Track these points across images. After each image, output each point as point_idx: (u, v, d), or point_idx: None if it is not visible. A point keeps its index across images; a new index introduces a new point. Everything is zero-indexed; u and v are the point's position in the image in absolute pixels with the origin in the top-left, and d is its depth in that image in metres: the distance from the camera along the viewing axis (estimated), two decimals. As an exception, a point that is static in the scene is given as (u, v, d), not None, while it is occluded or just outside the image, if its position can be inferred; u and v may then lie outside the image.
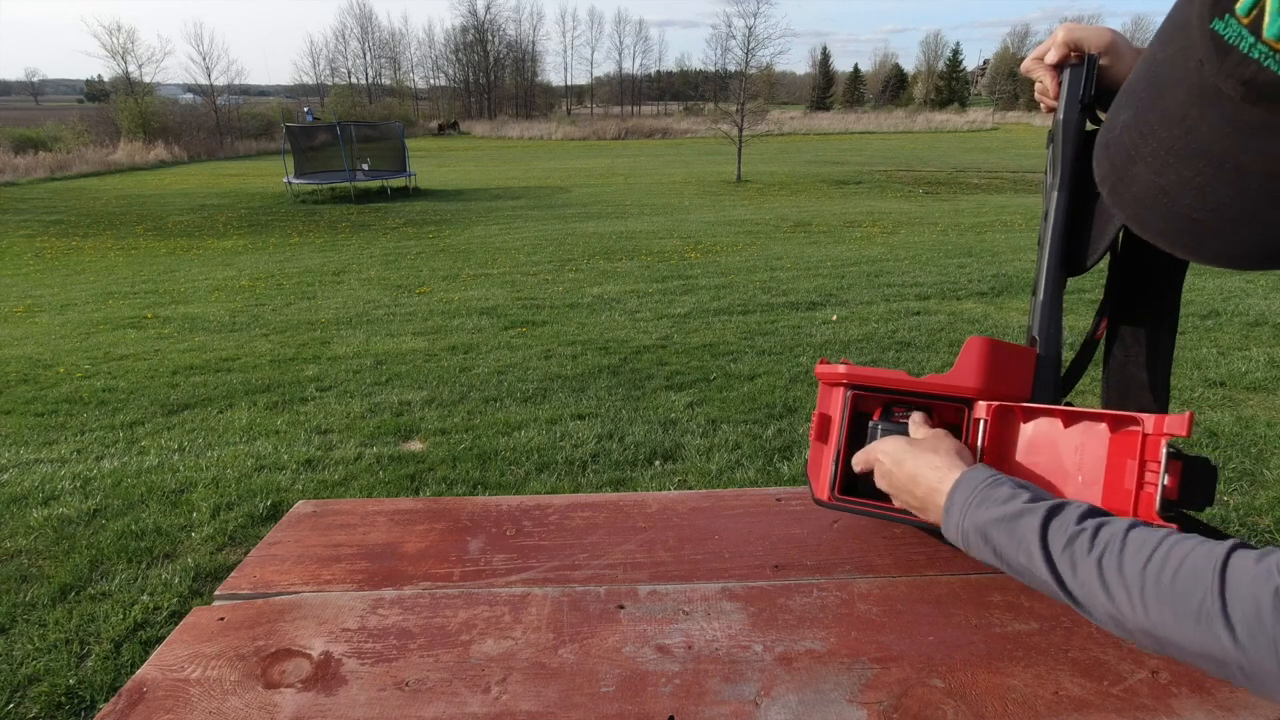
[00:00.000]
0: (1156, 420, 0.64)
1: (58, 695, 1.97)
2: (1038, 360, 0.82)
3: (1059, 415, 0.75)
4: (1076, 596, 0.57)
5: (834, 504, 0.87)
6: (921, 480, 0.74)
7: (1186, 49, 0.41)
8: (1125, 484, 0.65)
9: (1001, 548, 0.63)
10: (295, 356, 5.13)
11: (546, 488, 3.06)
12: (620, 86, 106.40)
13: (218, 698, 0.68)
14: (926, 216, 12.24)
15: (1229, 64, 0.38)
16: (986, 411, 0.78)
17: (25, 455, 3.56)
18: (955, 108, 70.85)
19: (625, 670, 0.71)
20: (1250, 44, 0.37)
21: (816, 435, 0.90)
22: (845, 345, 4.94)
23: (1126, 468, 0.65)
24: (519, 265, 8.74)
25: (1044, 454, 0.75)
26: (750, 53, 23.55)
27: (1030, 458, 0.77)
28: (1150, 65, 0.46)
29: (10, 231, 13.41)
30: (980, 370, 0.78)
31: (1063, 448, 0.74)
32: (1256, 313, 5.19)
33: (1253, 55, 0.37)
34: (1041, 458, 0.76)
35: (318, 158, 17.86)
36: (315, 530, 0.97)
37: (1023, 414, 0.78)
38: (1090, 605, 0.56)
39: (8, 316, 7.10)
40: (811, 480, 0.93)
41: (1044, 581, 0.59)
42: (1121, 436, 0.68)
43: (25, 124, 34.74)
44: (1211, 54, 0.39)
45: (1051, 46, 0.82)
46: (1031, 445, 0.77)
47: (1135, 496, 0.64)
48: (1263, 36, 0.36)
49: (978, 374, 0.79)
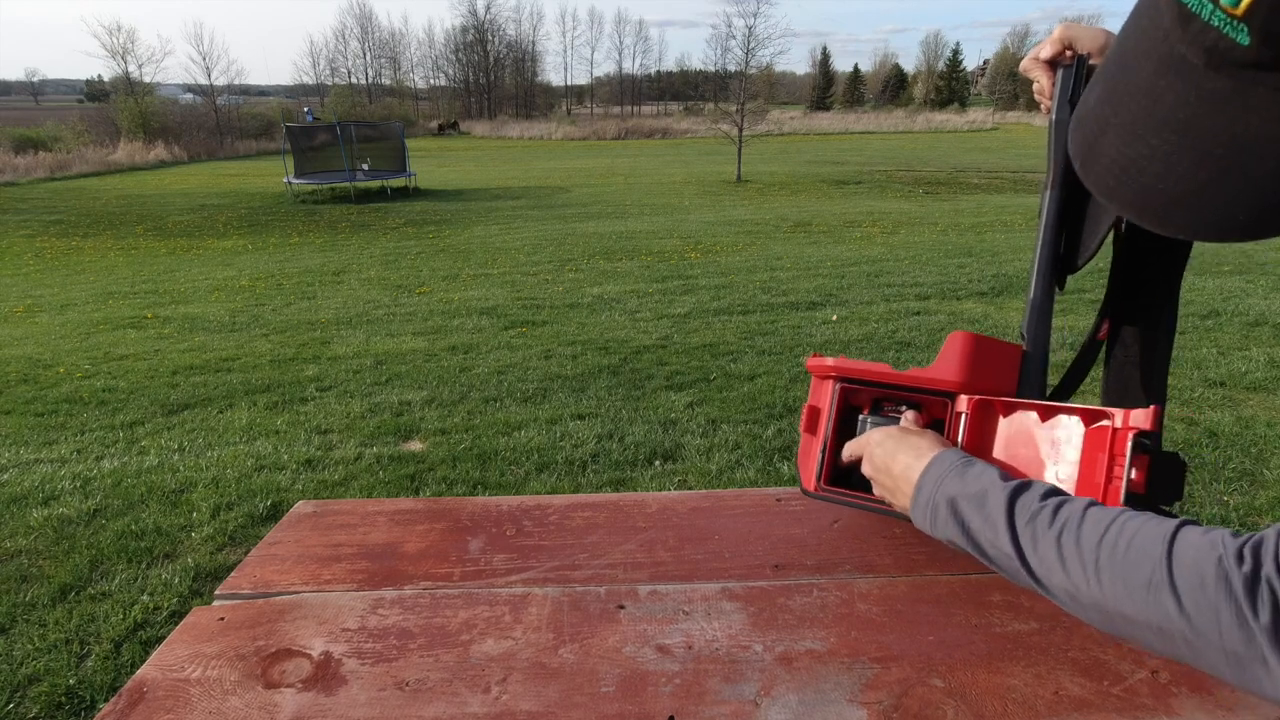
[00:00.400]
0: (1125, 414, 0.65)
1: (58, 695, 1.97)
2: (1023, 356, 0.82)
3: (1037, 409, 0.76)
4: (1036, 572, 0.58)
5: (820, 494, 0.88)
6: (899, 460, 0.75)
7: (1155, 19, 0.42)
8: (1096, 477, 0.66)
9: (969, 520, 0.64)
10: (295, 356, 5.13)
11: (546, 488, 3.06)
12: (620, 86, 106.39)
13: (218, 698, 0.68)
14: (926, 216, 12.24)
15: (1191, 31, 0.39)
16: (967, 405, 0.79)
17: (25, 455, 3.56)
18: (955, 108, 70.85)
19: (625, 670, 0.71)
20: (1210, 10, 0.37)
21: (806, 427, 0.92)
22: (845, 345, 4.94)
23: (1098, 461, 0.66)
24: (519, 265, 8.74)
25: (1022, 447, 0.76)
26: (750, 53, 23.57)
27: (1009, 451, 0.78)
28: (1121, 40, 0.47)
29: (10, 231, 13.41)
30: (962, 364, 0.80)
31: (1040, 441, 0.75)
32: (1256, 313, 5.19)
33: (1213, 23, 0.37)
34: (1020, 451, 0.77)
35: (318, 158, 17.86)
36: (315, 530, 0.97)
37: (1002, 408, 0.79)
38: (1048, 581, 0.57)
39: (8, 316, 7.10)
40: (800, 470, 0.94)
41: (1006, 556, 0.60)
42: (1094, 431, 0.69)
43: (25, 124, 34.74)
44: (1176, 23, 0.40)
45: (1046, 44, 0.83)
46: (1010, 439, 0.78)
47: (1104, 489, 0.65)
48: (1220, 3, 0.37)
49: (959, 368, 0.80)
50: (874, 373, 0.86)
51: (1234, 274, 6.54)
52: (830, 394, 0.89)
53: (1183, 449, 3.20)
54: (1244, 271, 6.65)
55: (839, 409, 0.88)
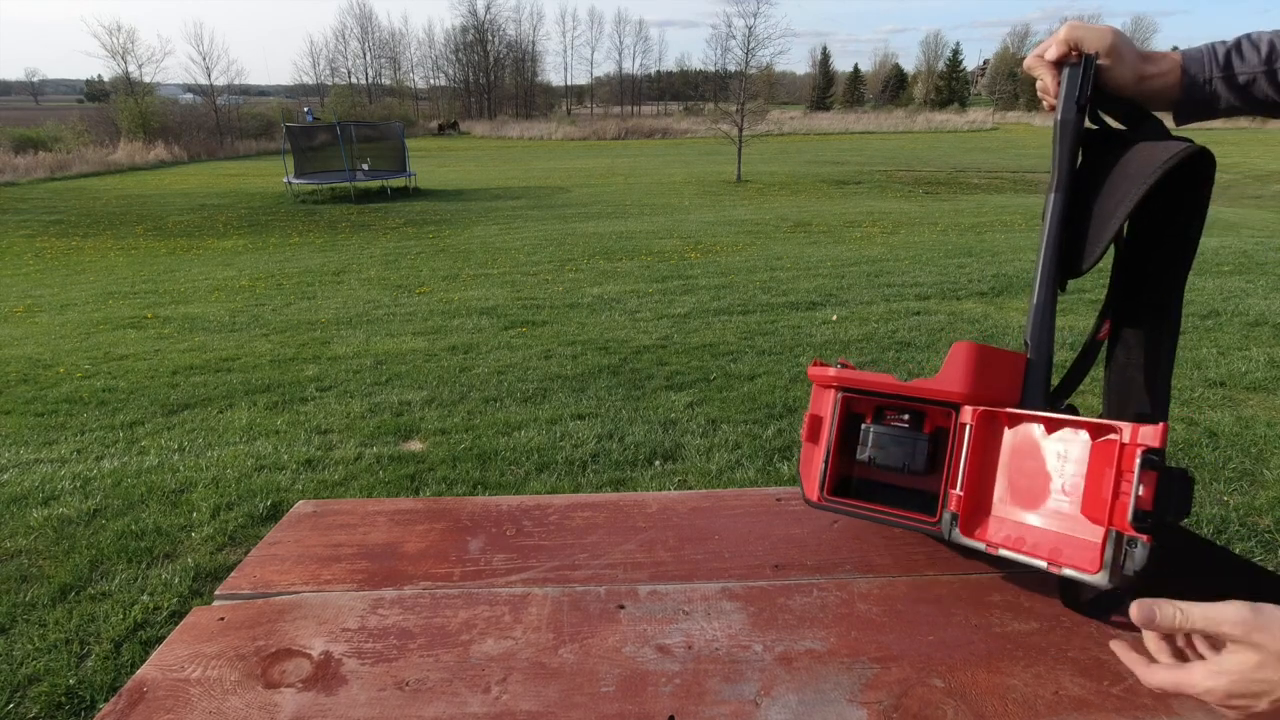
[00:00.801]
0: (1133, 430, 0.64)
1: (58, 695, 1.97)
2: (1027, 365, 0.81)
3: (1043, 422, 0.75)
4: None
5: (824, 504, 0.87)
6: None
7: None
8: (1103, 492, 0.66)
9: None
10: (295, 356, 5.13)
11: (546, 488, 3.06)
12: (620, 86, 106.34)
13: (218, 697, 0.68)
14: (926, 216, 12.24)
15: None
16: (972, 416, 0.78)
17: (25, 455, 3.56)
18: (955, 108, 70.82)
19: (625, 670, 0.71)
20: None
21: (808, 436, 0.91)
22: (845, 345, 4.94)
23: (1105, 476, 0.66)
24: (519, 265, 8.74)
25: (1028, 459, 0.76)
26: (750, 53, 23.52)
27: (1015, 462, 0.77)
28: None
29: (10, 231, 13.41)
30: (966, 375, 0.78)
31: (1046, 453, 0.74)
32: (1256, 313, 5.19)
33: None
34: (1025, 463, 0.76)
35: (318, 158, 17.86)
36: (315, 530, 0.97)
37: (1008, 419, 0.78)
38: None
39: (8, 316, 7.10)
40: (803, 480, 0.93)
41: None
42: (1102, 445, 0.69)
43: (25, 124, 34.73)
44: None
45: (1052, 44, 0.82)
46: (1016, 450, 0.77)
47: (1111, 505, 0.64)
48: None
49: (963, 379, 0.78)
50: (877, 383, 0.84)
51: (1234, 274, 6.55)
52: (832, 403, 0.88)
53: (1183, 449, 3.20)
54: (1244, 271, 6.65)
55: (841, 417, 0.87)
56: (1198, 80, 0.79)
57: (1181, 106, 0.81)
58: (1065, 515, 0.72)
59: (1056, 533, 0.72)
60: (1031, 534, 0.73)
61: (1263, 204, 14.84)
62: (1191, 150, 0.72)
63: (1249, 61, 0.77)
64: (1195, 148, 0.72)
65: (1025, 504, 0.75)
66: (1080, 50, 0.80)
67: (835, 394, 0.87)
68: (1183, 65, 0.79)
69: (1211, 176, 0.75)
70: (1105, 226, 0.77)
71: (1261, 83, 0.77)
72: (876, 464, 0.84)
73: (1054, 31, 0.83)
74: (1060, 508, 0.72)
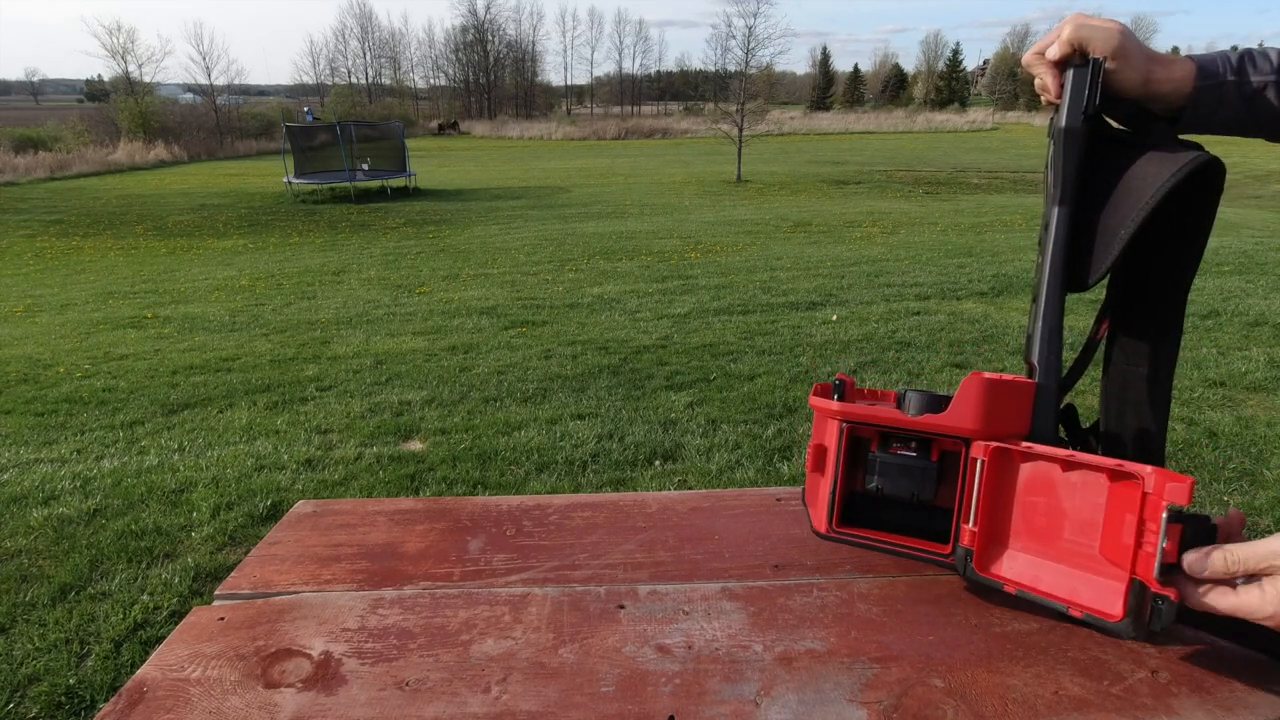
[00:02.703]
0: (1158, 480, 0.62)
1: (58, 695, 1.97)
2: (1036, 390, 0.79)
3: (1058, 460, 0.74)
4: None
5: (834, 536, 0.85)
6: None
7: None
8: (1124, 539, 0.65)
9: None
10: (295, 356, 5.13)
11: (546, 488, 3.06)
12: (620, 86, 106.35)
13: (218, 697, 0.68)
14: (926, 216, 12.24)
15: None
16: (984, 452, 0.76)
17: (25, 455, 3.56)
18: (955, 108, 70.84)
19: (625, 670, 0.71)
20: None
21: (813, 466, 0.89)
22: (845, 345, 4.94)
23: (1125, 522, 0.65)
24: (519, 265, 8.75)
25: (1042, 495, 0.74)
26: (750, 53, 23.54)
27: (1029, 498, 0.76)
28: None
29: (10, 231, 13.41)
30: (977, 411, 0.76)
31: (1061, 490, 0.73)
32: (1256, 313, 5.19)
33: None
34: (1040, 499, 0.75)
35: (318, 158, 17.86)
36: (315, 530, 0.97)
37: (1021, 456, 0.77)
38: None
39: (8, 316, 7.10)
40: (810, 511, 0.91)
41: None
42: (1120, 488, 0.67)
43: (25, 124, 34.75)
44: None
45: (1055, 41, 0.77)
46: (1030, 486, 0.76)
47: (1134, 553, 0.64)
48: None
49: (974, 415, 0.76)
50: (884, 418, 0.81)
51: (1234, 274, 6.55)
52: (837, 434, 0.85)
53: (1183, 449, 3.20)
54: (1244, 271, 6.65)
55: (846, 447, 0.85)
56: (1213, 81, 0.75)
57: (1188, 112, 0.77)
58: (1083, 554, 0.70)
59: (1074, 572, 0.71)
60: (1048, 572, 0.72)
61: (1263, 204, 14.84)
62: (1202, 160, 0.69)
63: (1261, 69, 0.75)
64: (1206, 157, 0.70)
65: (1040, 540, 0.74)
66: (1086, 52, 0.75)
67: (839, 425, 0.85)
68: (1199, 65, 0.75)
69: (1221, 185, 0.72)
70: (1112, 241, 0.74)
71: (1270, 92, 0.75)
72: (884, 494, 0.82)
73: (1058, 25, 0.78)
74: (1077, 547, 0.71)
